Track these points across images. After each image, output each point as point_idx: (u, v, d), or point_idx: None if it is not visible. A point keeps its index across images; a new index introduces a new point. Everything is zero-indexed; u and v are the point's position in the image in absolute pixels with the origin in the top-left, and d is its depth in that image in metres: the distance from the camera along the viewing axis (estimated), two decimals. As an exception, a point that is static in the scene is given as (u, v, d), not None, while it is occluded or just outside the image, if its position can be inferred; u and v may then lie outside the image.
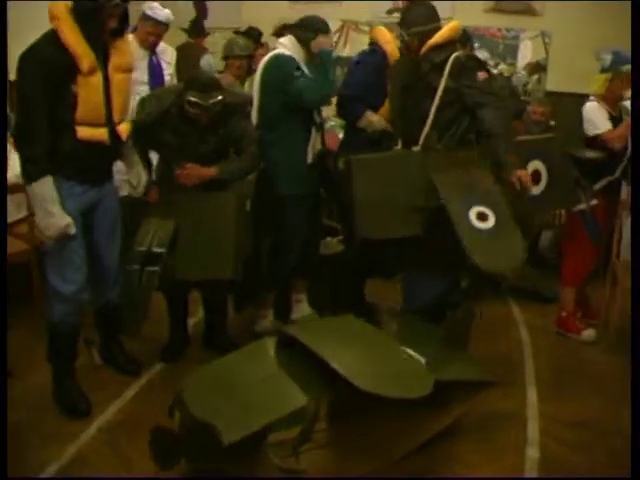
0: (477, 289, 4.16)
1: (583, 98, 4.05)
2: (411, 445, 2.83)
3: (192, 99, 3.25)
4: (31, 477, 2.52)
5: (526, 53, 7.51)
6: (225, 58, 4.90)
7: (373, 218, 3.34)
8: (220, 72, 4.97)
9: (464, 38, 4.01)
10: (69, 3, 2.85)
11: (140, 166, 3.35)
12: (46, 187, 2.86)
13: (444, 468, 2.86)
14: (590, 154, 3.88)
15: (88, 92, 2.89)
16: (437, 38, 3.34)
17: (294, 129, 3.72)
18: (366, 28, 7.12)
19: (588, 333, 4.13)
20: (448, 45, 3.35)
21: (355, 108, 3.98)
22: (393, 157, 3.51)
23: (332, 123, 5.21)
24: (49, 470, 2.72)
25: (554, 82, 6.60)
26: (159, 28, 4.45)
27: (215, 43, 6.52)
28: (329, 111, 5.01)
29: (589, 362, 3.85)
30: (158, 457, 2.60)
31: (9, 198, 3.86)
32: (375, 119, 3.91)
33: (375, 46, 4.09)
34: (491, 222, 3.14)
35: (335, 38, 7.33)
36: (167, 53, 4.71)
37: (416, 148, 3.37)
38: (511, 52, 7.45)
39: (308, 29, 3.70)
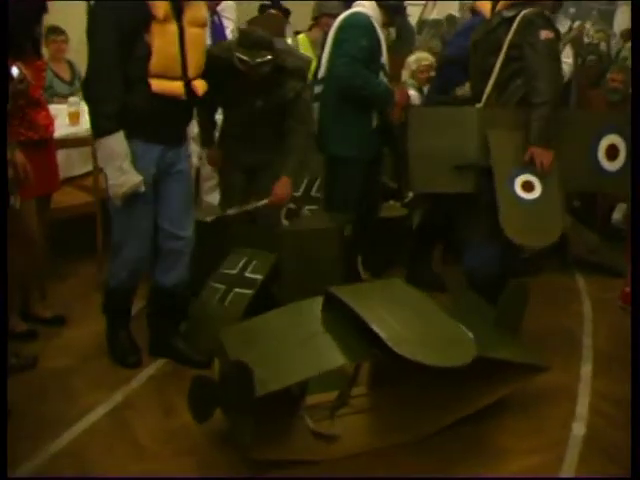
0: (540, 260, 4.09)
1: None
2: (449, 419, 2.81)
3: (240, 56, 3.25)
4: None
5: (622, 19, 7.20)
6: (314, 18, 5.03)
7: (427, 170, 3.32)
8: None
9: None
10: None
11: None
12: (118, 142, 2.79)
13: (490, 437, 2.83)
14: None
15: (163, 42, 2.79)
16: None
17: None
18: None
19: None
20: (522, 2, 3.27)
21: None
22: (450, 111, 3.46)
23: (408, 81, 5.11)
24: (98, 411, 2.84)
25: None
26: None
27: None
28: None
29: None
30: (194, 407, 2.63)
31: (76, 150, 4.01)
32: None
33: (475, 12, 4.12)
34: (537, 193, 3.06)
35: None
36: (228, 10, 4.75)
37: (479, 105, 3.31)
38: (605, 18, 7.15)
39: None
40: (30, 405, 2.81)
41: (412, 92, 4.13)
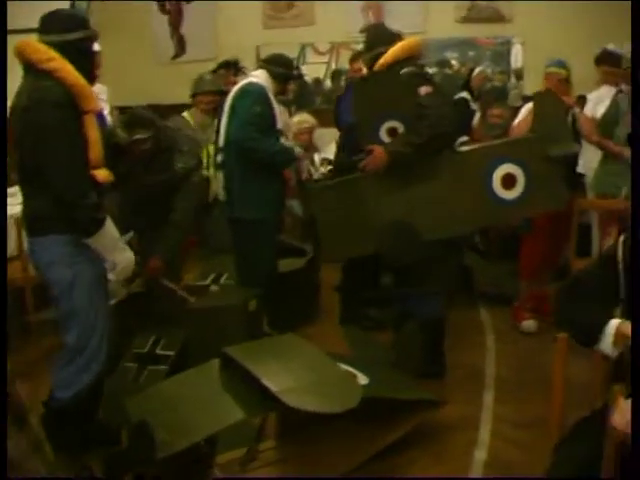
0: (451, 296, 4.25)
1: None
2: (357, 461, 2.90)
3: (119, 133, 3.39)
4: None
5: (516, 58, 7.62)
6: (193, 95, 4.90)
7: (336, 241, 3.55)
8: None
9: None
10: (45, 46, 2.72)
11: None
12: (110, 225, 2.85)
13: (397, 471, 2.94)
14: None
15: (95, 132, 2.75)
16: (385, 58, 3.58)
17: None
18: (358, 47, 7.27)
19: (527, 324, 4.27)
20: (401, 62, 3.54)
21: None
22: (343, 182, 3.69)
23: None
24: None
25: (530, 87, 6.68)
26: None
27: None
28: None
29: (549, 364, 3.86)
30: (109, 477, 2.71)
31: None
32: None
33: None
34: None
35: (326, 59, 7.58)
36: (103, 92, 4.92)
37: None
38: (497, 59, 7.55)
39: (280, 65, 4.05)
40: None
41: (298, 149, 4.32)
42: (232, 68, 5.51)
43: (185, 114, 4.85)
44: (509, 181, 3.49)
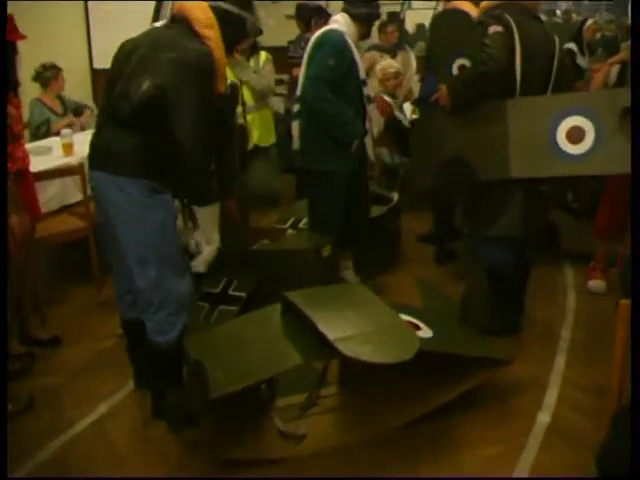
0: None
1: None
2: (413, 414, 2.90)
3: None
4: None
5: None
6: None
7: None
8: None
9: None
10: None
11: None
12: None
13: (455, 429, 2.91)
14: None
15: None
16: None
17: (341, 104, 3.82)
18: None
19: (595, 283, 4.15)
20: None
21: None
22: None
23: (378, 89, 5.22)
24: (82, 423, 3.02)
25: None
26: None
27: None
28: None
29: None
30: (169, 417, 2.82)
31: (70, 179, 4.22)
32: None
33: None
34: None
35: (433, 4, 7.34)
36: None
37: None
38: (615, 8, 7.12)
39: (361, 5, 3.87)
40: (18, 418, 2.99)
41: (387, 98, 4.23)
42: (316, 13, 5.40)
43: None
44: (576, 135, 3.30)
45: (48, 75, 5.20)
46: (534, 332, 3.68)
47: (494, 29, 3.30)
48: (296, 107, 4.03)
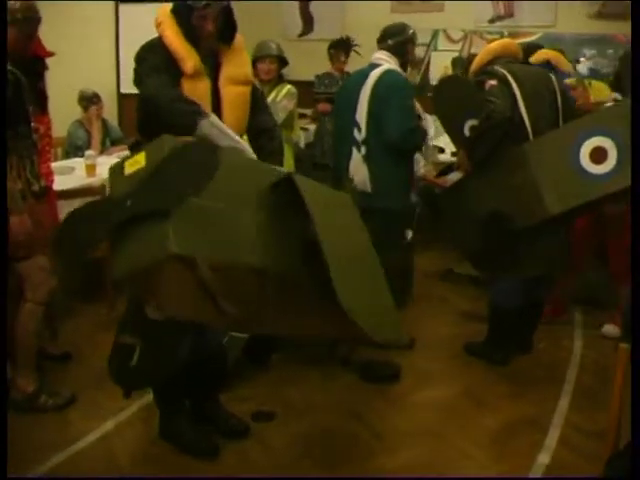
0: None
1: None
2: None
3: None
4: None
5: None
6: (254, 61, 4.30)
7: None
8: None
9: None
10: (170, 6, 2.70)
11: None
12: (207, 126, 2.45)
13: (455, 463, 2.94)
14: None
15: (194, 98, 2.55)
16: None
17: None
18: (490, 36, 7.08)
19: (607, 328, 4.14)
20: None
21: None
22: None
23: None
24: (87, 438, 3.06)
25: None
26: None
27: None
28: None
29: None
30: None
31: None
32: None
33: None
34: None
35: (459, 46, 7.45)
36: None
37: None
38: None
39: (394, 35, 3.96)
40: (23, 431, 3.02)
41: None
42: (342, 47, 5.47)
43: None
44: (599, 155, 3.30)
45: (84, 103, 5.50)
46: (538, 373, 3.70)
47: (489, 84, 3.48)
48: (363, 150, 3.86)
